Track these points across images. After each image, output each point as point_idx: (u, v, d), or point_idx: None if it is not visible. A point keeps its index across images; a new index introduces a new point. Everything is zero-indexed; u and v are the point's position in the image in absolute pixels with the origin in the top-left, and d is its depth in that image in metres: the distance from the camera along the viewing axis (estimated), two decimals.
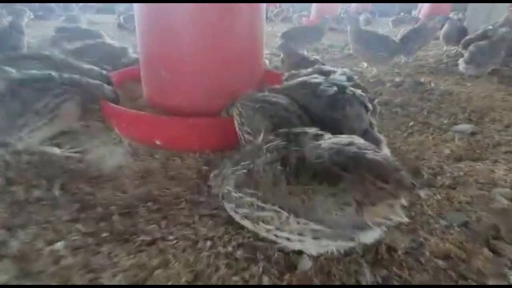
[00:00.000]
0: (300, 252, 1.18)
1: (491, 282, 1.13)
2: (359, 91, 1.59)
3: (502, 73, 3.77)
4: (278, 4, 10.25)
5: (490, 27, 4.16)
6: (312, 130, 1.08)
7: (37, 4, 7.26)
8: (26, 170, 1.68)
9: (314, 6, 8.35)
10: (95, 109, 2.14)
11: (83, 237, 1.24)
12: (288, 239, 0.99)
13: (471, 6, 5.46)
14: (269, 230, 1.01)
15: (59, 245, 1.19)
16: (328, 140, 0.99)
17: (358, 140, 0.98)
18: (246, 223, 1.11)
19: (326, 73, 2.26)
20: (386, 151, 1.54)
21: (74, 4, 8.36)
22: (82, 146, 2.02)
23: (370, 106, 1.58)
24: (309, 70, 2.39)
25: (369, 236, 0.96)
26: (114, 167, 1.79)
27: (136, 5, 2.02)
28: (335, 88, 1.51)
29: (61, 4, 7.85)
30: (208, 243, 1.23)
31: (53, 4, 7.45)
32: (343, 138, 1.00)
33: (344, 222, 0.90)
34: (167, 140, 1.83)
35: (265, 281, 1.09)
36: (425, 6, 8.38)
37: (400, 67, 4.24)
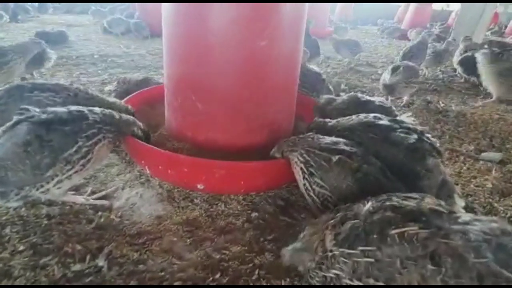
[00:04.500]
0: None
1: None
2: (430, 136, 1.49)
3: None
4: None
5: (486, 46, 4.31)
6: (439, 206, 0.95)
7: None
8: (50, 229, 1.40)
9: None
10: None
11: None
12: None
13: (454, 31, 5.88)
14: None
15: None
16: (474, 227, 0.87)
17: (502, 224, 0.87)
18: None
19: (365, 104, 2.17)
20: (461, 202, 1.45)
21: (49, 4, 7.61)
22: (104, 187, 1.76)
23: (442, 152, 1.49)
24: (345, 98, 2.28)
25: None
26: (152, 218, 1.56)
27: (165, 27, 1.77)
28: (415, 136, 1.39)
29: (36, 4, 7.08)
30: None
31: (27, 4, 6.69)
32: (486, 222, 0.88)
33: None
34: (212, 185, 1.62)
35: None
36: (407, 17, 8.66)
37: None
